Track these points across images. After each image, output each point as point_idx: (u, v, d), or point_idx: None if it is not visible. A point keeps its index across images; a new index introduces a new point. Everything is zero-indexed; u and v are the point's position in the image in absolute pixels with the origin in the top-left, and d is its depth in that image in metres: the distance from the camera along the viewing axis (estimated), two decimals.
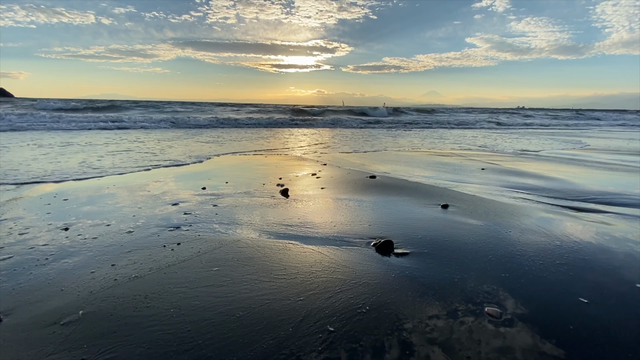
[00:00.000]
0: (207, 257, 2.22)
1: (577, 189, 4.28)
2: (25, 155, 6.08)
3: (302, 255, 2.27)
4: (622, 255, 2.34)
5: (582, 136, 13.98)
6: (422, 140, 11.20)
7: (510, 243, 2.51)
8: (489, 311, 1.67)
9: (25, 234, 2.57)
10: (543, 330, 1.55)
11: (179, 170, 5.16)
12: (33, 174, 4.53)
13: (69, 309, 1.66)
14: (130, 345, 1.42)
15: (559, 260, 2.25)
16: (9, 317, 1.60)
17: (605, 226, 2.91)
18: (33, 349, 1.40)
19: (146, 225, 2.78)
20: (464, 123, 21.35)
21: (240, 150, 7.65)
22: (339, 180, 4.61)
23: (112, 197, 3.59)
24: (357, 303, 1.73)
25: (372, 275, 2.02)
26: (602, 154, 7.97)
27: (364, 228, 2.79)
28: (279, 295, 1.80)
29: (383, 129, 17.03)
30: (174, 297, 1.76)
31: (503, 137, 12.74)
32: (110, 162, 5.59)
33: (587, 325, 1.59)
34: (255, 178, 4.69)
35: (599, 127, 21.77)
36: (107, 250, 2.32)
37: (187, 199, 3.54)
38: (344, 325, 1.56)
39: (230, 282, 1.92)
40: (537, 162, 6.64)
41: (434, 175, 5.07)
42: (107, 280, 1.93)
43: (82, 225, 2.77)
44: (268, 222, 2.91)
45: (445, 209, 3.31)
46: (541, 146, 9.65)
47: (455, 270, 2.09)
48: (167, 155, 6.60)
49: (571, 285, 1.94)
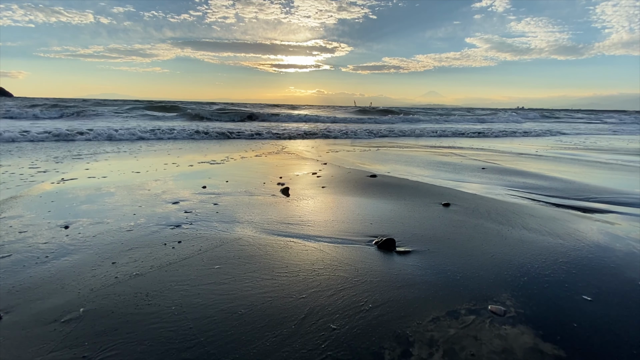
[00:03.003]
0: (209, 255, 2.21)
1: (578, 188, 4.28)
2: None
3: (303, 253, 2.26)
4: (625, 254, 2.33)
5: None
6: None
7: (512, 241, 2.50)
8: (492, 309, 1.66)
9: (25, 232, 2.56)
10: (547, 327, 1.54)
11: (179, 169, 5.14)
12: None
13: (69, 306, 1.65)
14: (131, 343, 1.41)
15: (561, 258, 2.24)
16: (9, 315, 1.59)
17: (607, 225, 2.90)
18: (33, 347, 1.39)
19: (147, 224, 2.76)
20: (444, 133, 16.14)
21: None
22: (339, 179, 4.61)
23: (112, 196, 3.58)
24: (359, 301, 1.72)
25: (374, 273, 2.01)
26: (603, 154, 7.97)
27: (366, 226, 2.78)
28: (281, 292, 1.79)
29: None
30: (175, 295, 1.75)
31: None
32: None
33: (590, 323, 1.58)
34: (256, 177, 4.68)
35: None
36: (107, 248, 2.30)
37: (188, 198, 3.53)
38: (346, 323, 1.55)
39: (232, 280, 1.91)
40: (538, 161, 6.64)
41: (434, 175, 5.06)
42: (108, 277, 1.92)
43: (83, 223, 2.76)
44: (269, 220, 2.90)
45: (446, 208, 3.30)
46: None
47: (458, 268, 2.08)
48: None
49: (574, 283, 1.93)
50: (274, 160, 6.34)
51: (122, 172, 4.79)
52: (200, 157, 6.48)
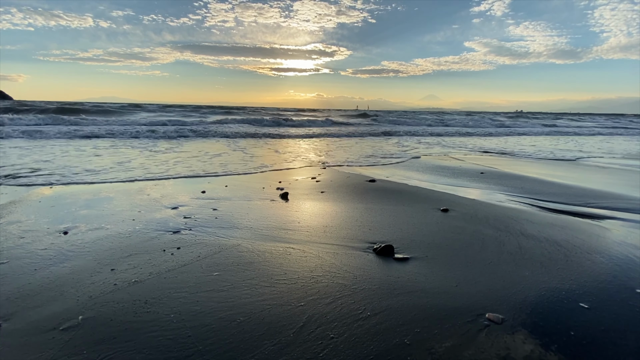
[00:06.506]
0: (207, 262, 2.21)
1: (576, 193, 4.30)
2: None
3: (302, 260, 2.26)
4: (622, 261, 2.34)
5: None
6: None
7: (510, 248, 2.51)
8: (490, 317, 1.66)
9: (23, 237, 2.56)
10: (544, 335, 1.55)
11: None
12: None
13: (68, 314, 1.65)
14: (130, 351, 1.41)
15: (559, 265, 2.25)
16: (7, 322, 1.59)
17: (605, 231, 2.91)
18: (32, 355, 1.39)
19: (146, 229, 2.77)
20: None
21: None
22: (338, 184, 4.62)
23: (111, 201, 3.58)
24: (358, 308, 1.73)
25: (372, 280, 2.02)
26: (601, 159, 8.00)
27: (364, 232, 2.79)
28: (279, 300, 1.79)
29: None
30: (174, 302, 1.75)
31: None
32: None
33: (588, 331, 1.59)
34: (255, 182, 4.69)
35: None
36: (106, 254, 2.31)
37: (187, 203, 3.53)
38: (345, 331, 1.56)
39: (231, 287, 1.91)
40: (536, 166, 6.66)
41: (433, 179, 5.07)
42: (106, 284, 1.92)
43: (82, 229, 2.76)
44: (268, 226, 2.91)
45: (445, 213, 3.31)
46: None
47: (456, 275, 2.09)
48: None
49: (571, 290, 1.94)
50: (274, 161, 6.34)
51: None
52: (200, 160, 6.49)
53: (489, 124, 22.66)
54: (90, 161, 5.99)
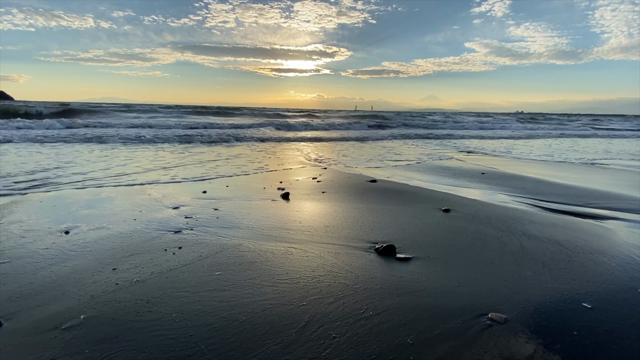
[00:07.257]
0: (209, 261, 2.21)
1: (577, 193, 4.29)
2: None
3: (304, 260, 2.26)
4: (625, 261, 2.33)
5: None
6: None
7: (512, 248, 2.50)
8: (493, 317, 1.66)
9: (25, 237, 2.56)
10: (547, 335, 1.54)
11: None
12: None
13: (70, 313, 1.65)
14: (132, 351, 1.41)
15: (561, 265, 2.24)
16: (9, 322, 1.59)
17: (607, 231, 2.91)
18: (34, 354, 1.39)
19: (147, 229, 2.77)
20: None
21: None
22: (339, 184, 4.61)
23: (112, 201, 3.58)
24: (360, 308, 1.72)
25: (374, 280, 2.01)
26: (603, 160, 7.98)
27: (366, 232, 2.78)
28: (281, 299, 1.79)
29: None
30: (176, 302, 1.75)
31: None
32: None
33: (591, 331, 1.59)
34: (256, 182, 4.69)
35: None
36: (108, 253, 2.30)
37: (188, 203, 3.53)
38: (347, 330, 1.55)
39: (233, 287, 1.91)
40: (537, 166, 6.66)
41: (434, 180, 5.07)
42: (108, 284, 1.92)
43: (83, 228, 2.76)
44: (269, 226, 2.91)
45: (447, 214, 3.31)
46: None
47: (458, 275, 2.09)
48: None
49: (574, 290, 1.93)
50: (274, 163, 6.35)
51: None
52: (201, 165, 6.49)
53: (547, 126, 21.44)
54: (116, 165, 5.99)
